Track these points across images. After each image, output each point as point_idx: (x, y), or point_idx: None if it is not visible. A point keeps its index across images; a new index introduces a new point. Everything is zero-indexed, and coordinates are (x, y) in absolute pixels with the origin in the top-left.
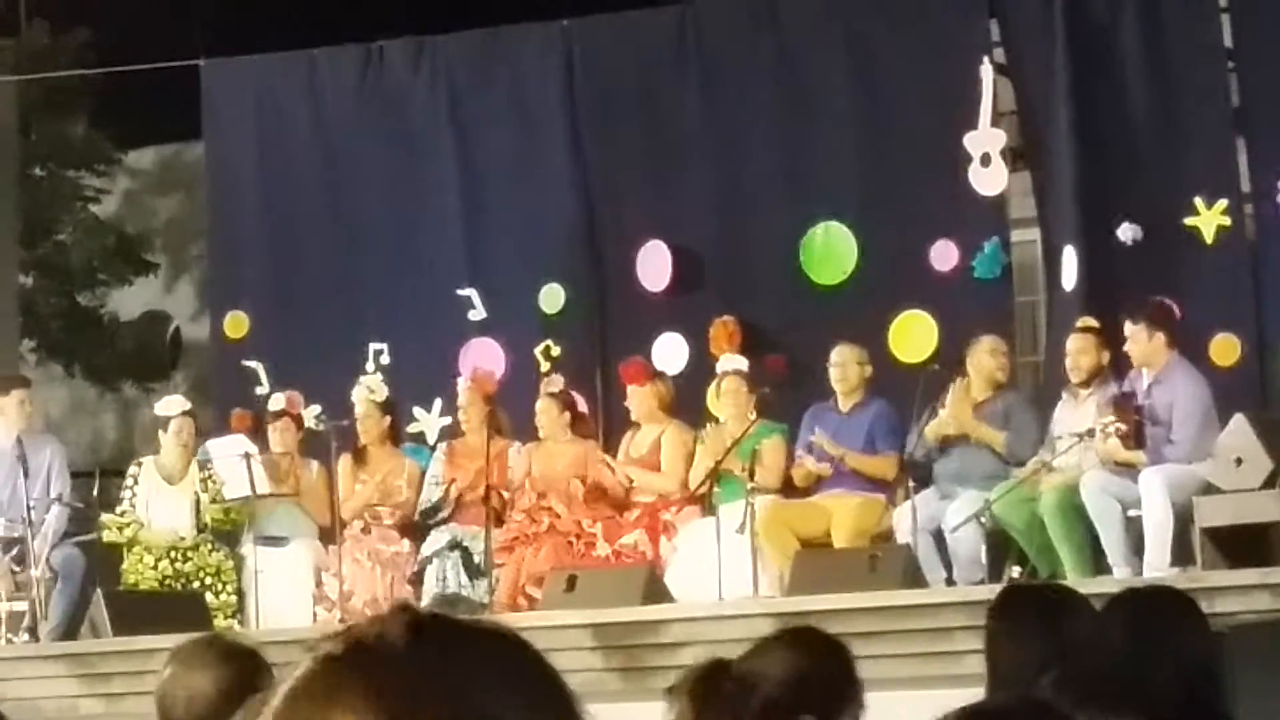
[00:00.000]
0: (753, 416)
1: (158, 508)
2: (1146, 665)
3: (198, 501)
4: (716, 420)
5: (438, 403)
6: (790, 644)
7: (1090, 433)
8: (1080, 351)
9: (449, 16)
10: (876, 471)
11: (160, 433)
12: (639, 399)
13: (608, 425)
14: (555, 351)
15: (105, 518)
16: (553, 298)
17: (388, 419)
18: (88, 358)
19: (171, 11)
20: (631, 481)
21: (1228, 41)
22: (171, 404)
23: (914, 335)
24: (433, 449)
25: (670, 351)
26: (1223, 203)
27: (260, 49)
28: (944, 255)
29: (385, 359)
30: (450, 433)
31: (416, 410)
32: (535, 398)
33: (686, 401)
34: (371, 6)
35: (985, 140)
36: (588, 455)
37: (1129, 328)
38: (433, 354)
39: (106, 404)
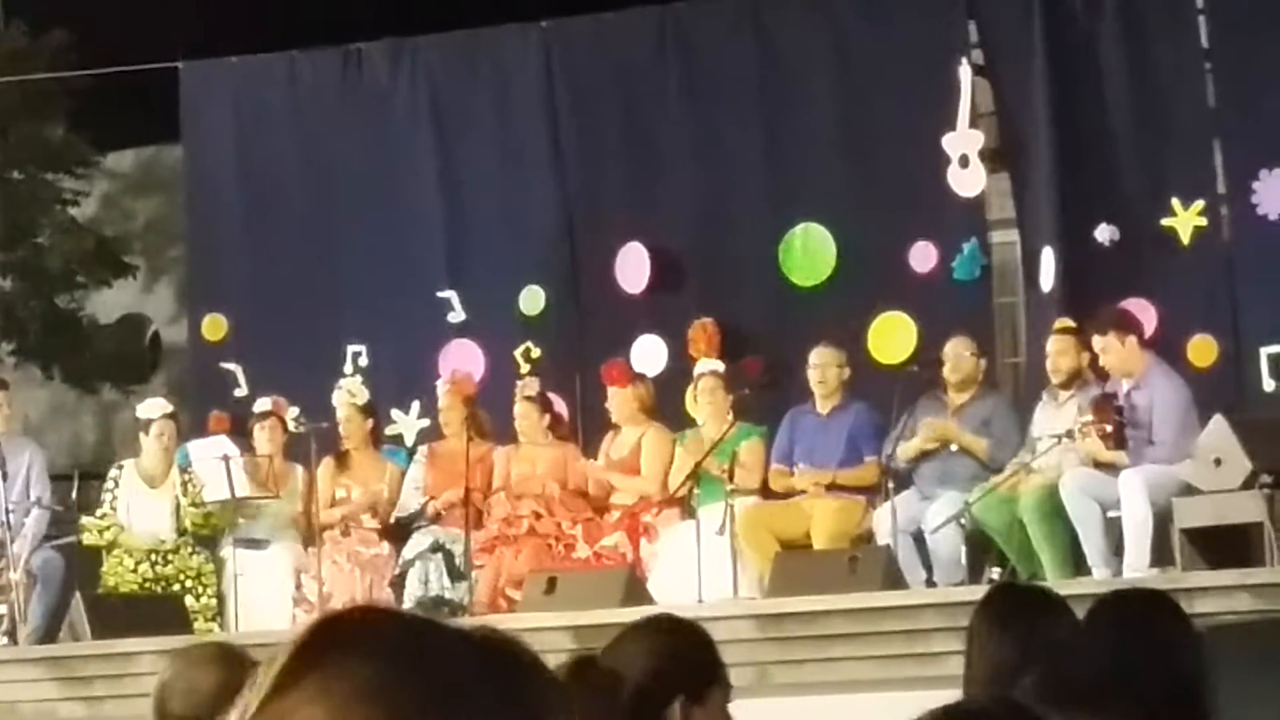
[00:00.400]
0: (730, 418)
1: (139, 511)
2: (1132, 668)
3: (178, 504)
4: (696, 423)
5: (415, 405)
6: (651, 632)
7: (1070, 434)
8: (1059, 353)
9: (429, 18)
10: (863, 481)
11: (141, 435)
12: (620, 401)
13: (587, 427)
14: (535, 354)
15: (85, 520)
16: (533, 300)
17: (369, 422)
18: (66, 360)
19: (150, 13)
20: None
21: (1205, 43)
22: (153, 406)
23: (893, 337)
24: (411, 451)
25: (649, 353)
26: (1199, 204)
27: (240, 51)
28: (923, 257)
29: (364, 361)
30: (429, 435)
31: (394, 412)
32: (515, 400)
33: (665, 403)
34: (351, 8)
35: (963, 141)
36: (567, 458)
37: (1097, 340)
38: (411, 356)
39: (85, 407)
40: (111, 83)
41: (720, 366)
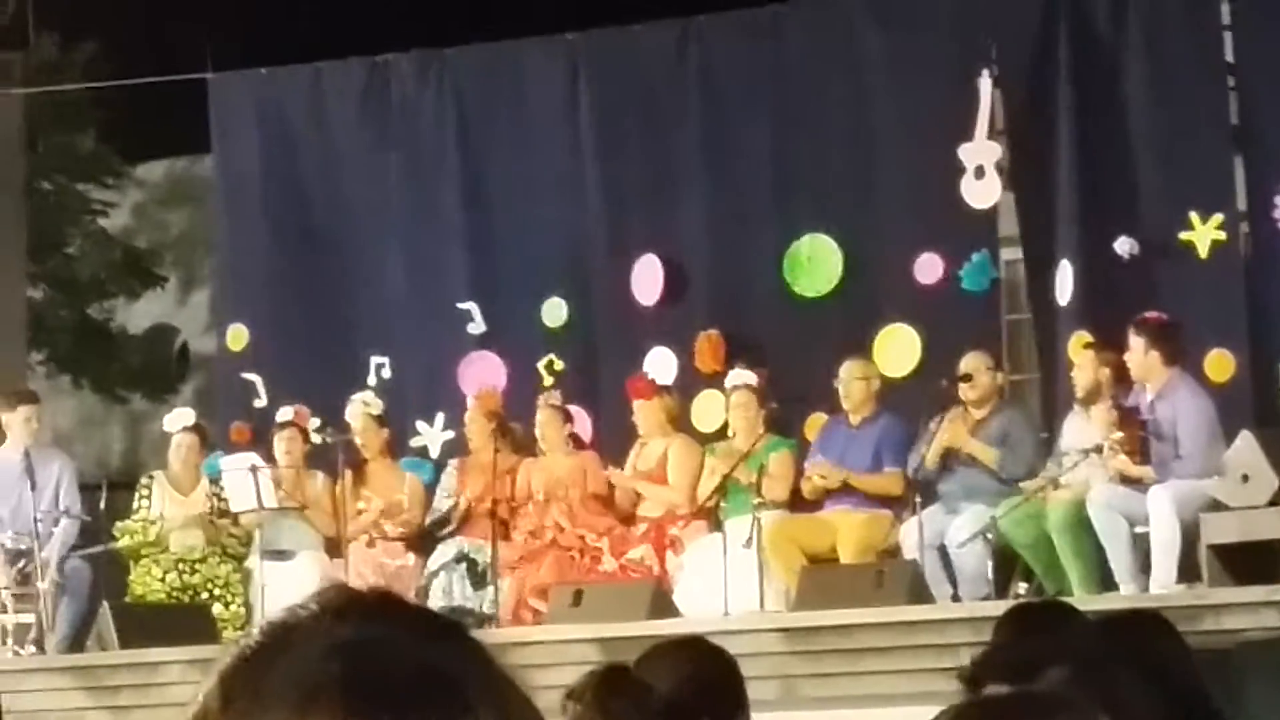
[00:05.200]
0: (760, 430)
1: (172, 517)
2: (1122, 682)
3: (212, 510)
4: (700, 433)
5: (440, 416)
6: (686, 651)
7: (1098, 449)
8: (1078, 368)
9: (455, 30)
10: (882, 489)
11: (168, 447)
12: (647, 413)
13: (608, 439)
14: (559, 366)
15: (122, 524)
16: (555, 311)
17: (385, 432)
18: (96, 371)
19: (180, 25)
20: (639, 494)
21: (1229, 57)
22: (177, 418)
23: (898, 348)
24: (436, 463)
25: (660, 365)
26: (1218, 217)
27: (268, 62)
28: (930, 267)
29: (386, 372)
30: (454, 446)
31: (419, 424)
32: (538, 409)
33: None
34: (378, 20)
35: (980, 153)
36: (585, 466)
37: (1132, 339)
38: (434, 368)
39: (114, 417)
40: (141, 94)
41: (754, 379)
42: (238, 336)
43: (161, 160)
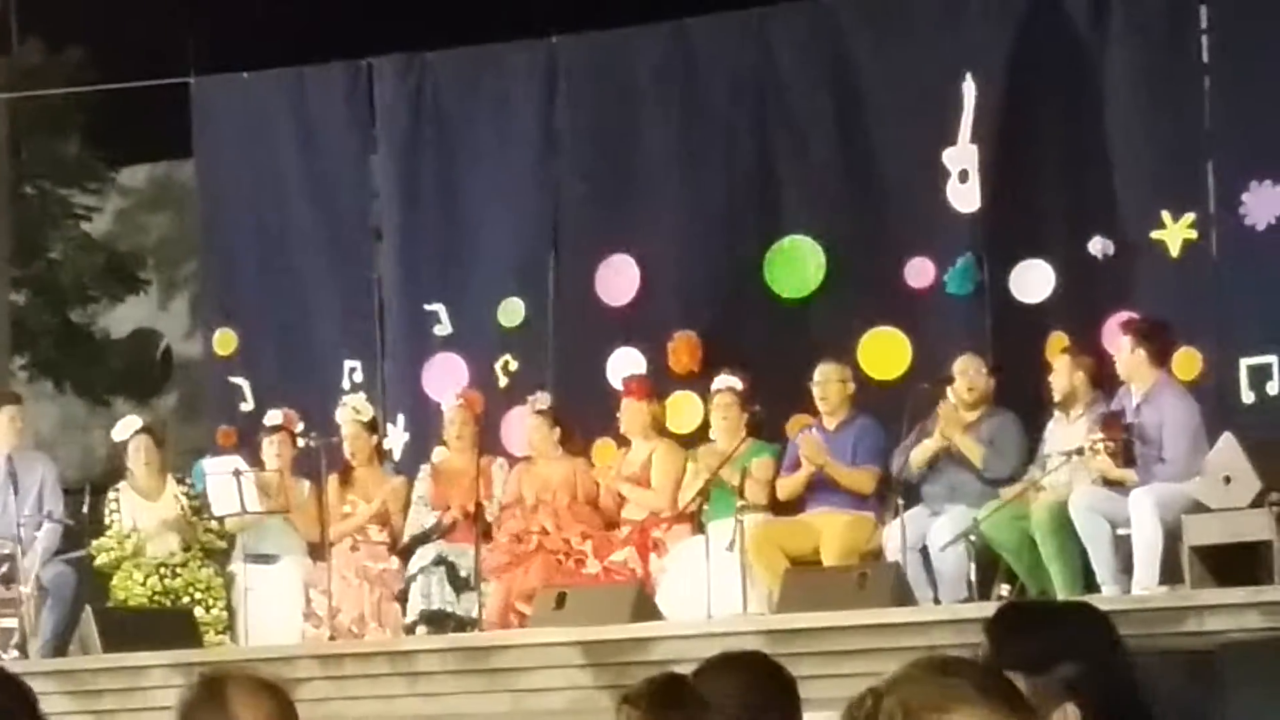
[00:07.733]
0: (742, 434)
1: (146, 527)
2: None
3: (183, 512)
4: (682, 435)
5: (401, 418)
6: (746, 668)
7: (1079, 451)
8: (1055, 372)
9: (437, 33)
10: (853, 484)
11: (124, 457)
12: (634, 413)
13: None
14: (513, 366)
15: (97, 543)
16: (511, 312)
17: (374, 438)
18: (78, 375)
19: (164, 30)
20: (623, 497)
21: (1205, 57)
22: (125, 426)
23: (886, 352)
24: (397, 466)
25: (627, 367)
26: (1189, 216)
27: (250, 66)
28: (919, 272)
29: (358, 376)
30: (415, 449)
31: (387, 426)
32: (495, 412)
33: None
34: (360, 23)
35: (964, 156)
36: (577, 471)
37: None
38: (400, 370)
39: (97, 420)
40: (125, 98)
41: (738, 383)
42: (225, 340)
43: (143, 165)
